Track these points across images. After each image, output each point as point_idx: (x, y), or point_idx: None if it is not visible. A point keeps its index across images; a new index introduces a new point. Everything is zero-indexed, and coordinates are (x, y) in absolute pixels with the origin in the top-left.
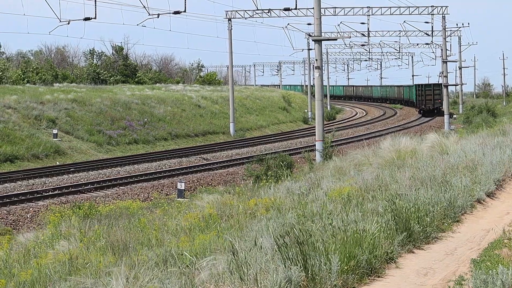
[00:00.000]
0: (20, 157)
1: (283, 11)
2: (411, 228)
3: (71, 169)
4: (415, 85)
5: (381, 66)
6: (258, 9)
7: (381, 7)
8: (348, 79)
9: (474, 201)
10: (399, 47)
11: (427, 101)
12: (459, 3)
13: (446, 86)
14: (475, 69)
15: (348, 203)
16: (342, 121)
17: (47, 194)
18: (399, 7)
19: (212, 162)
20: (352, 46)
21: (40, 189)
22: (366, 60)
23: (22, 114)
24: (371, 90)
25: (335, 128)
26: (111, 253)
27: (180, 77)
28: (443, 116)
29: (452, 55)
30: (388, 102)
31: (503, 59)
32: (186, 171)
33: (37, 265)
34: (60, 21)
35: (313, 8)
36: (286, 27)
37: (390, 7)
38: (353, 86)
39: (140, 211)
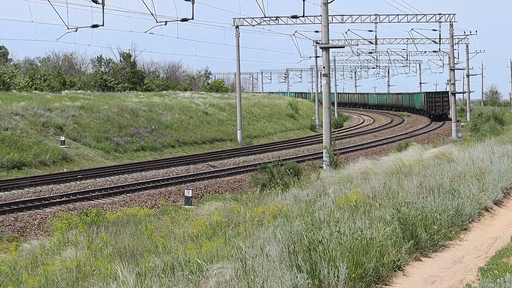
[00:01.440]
0: (27, 164)
1: (291, 19)
2: (419, 236)
3: (78, 176)
4: (425, 92)
5: (388, 73)
6: (265, 17)
7: (388, 15)
8: (355, 86)
9: (482, 209)
10: (407, 55)
11: (436, 107)
12: (467, 11)
13: (454, 94)
14: (482, 76)
15: (355, 210)
16: (350, 129)
17: (55, 201)
18: (407, 14)
19: (219, 169)
20: (359, 54)
21: (47, 196)
22: (373, 68)
23: (30, 121)
24: (367, 98)
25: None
26: (119, 260)
27: (188, 84)
28: (451, 120)
29: (459, 63)
30: (384, 108)
31: (511, 66)
32: (193, 178)
33: (44, 272)
34: (68, 28)
35: (320, 15)
36: (293, 34)
37: (398, 15)
38: (348, 93)
39: (148, 218)
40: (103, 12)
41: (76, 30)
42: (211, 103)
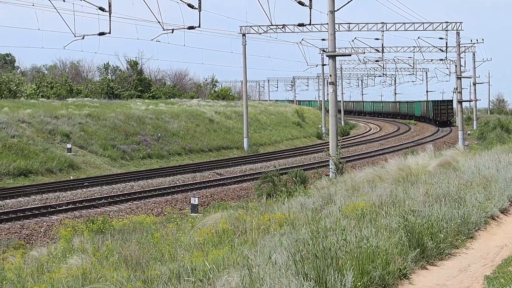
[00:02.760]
0: (34, 171)
1: (297, 27)
2: (425, 244)
3: (85, 184)
4: (432, 101)
5: (395, 81)
6: (272, 25)
7: (395, 23)
8: (362, 94)
9: (488, 217)
10: (413, 63)
11: (441, 115)
12: (474, 19)
13: (460, 102)
14: (489, 85)
15: (361, 218)
16: (356, 137)
17: (61, 208)
18: (413, 23)
19: (225, 177)
20: (366, 62)
21: (54, 203)
22: (380, 76)
23: (36, 129)
24: (363, 105)
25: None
26: (125, 267)
27: (194, 92)
28: (456, 126)
29: (466, 71)
30: (380, 116)
31: None
32: (199, 186)
33: (50, 279)
34: (75, 36)
35: (327, 23)
36: (300, 42)
37: (404, 23)
38: (344, 101)
39: (154, 226)
40: (110, 20)
41: (83, 38)
42: (217, 111)
